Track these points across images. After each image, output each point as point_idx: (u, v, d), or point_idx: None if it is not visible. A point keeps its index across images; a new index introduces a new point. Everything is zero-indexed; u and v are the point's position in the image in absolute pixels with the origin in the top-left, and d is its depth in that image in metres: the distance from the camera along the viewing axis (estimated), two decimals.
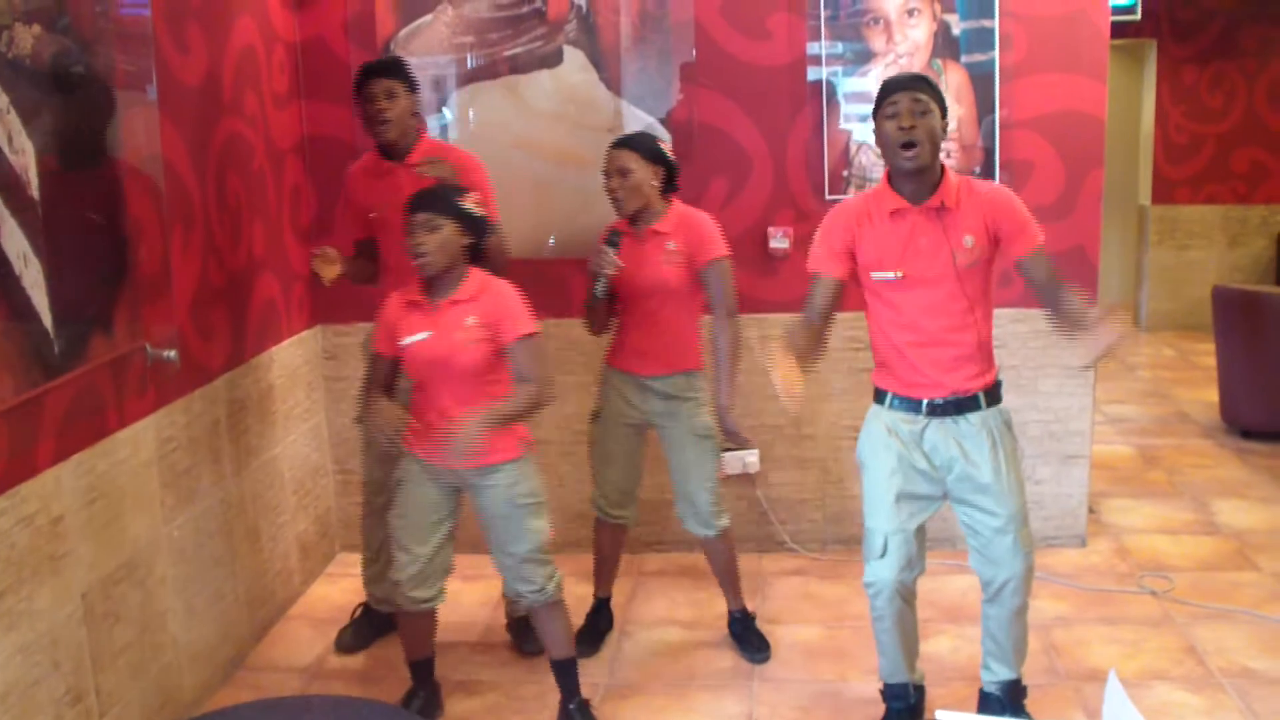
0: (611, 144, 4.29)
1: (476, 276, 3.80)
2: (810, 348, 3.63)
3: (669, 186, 4.32)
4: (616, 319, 4.42)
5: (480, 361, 3.74)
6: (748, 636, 4.63)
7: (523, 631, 4.63)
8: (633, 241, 4.25)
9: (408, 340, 3.76)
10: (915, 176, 3.55)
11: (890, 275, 3.60)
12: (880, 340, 3.74)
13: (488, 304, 3.76)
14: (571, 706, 4.04)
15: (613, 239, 4.20)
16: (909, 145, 3.49)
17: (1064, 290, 3.58)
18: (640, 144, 4.26)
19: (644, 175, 4.21)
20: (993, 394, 3.70)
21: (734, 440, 4.38)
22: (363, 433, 4.64)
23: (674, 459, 4.44)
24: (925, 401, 3.66)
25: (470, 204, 3.76)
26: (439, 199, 3.72)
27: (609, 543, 4.66)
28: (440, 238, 3.67)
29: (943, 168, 3.61)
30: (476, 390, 3.76)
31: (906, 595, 3.79)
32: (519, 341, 3.77)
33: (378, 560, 4.73)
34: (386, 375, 3.89)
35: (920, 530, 3.76)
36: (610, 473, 4.50)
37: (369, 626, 4.77)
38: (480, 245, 3.83)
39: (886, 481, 3.70)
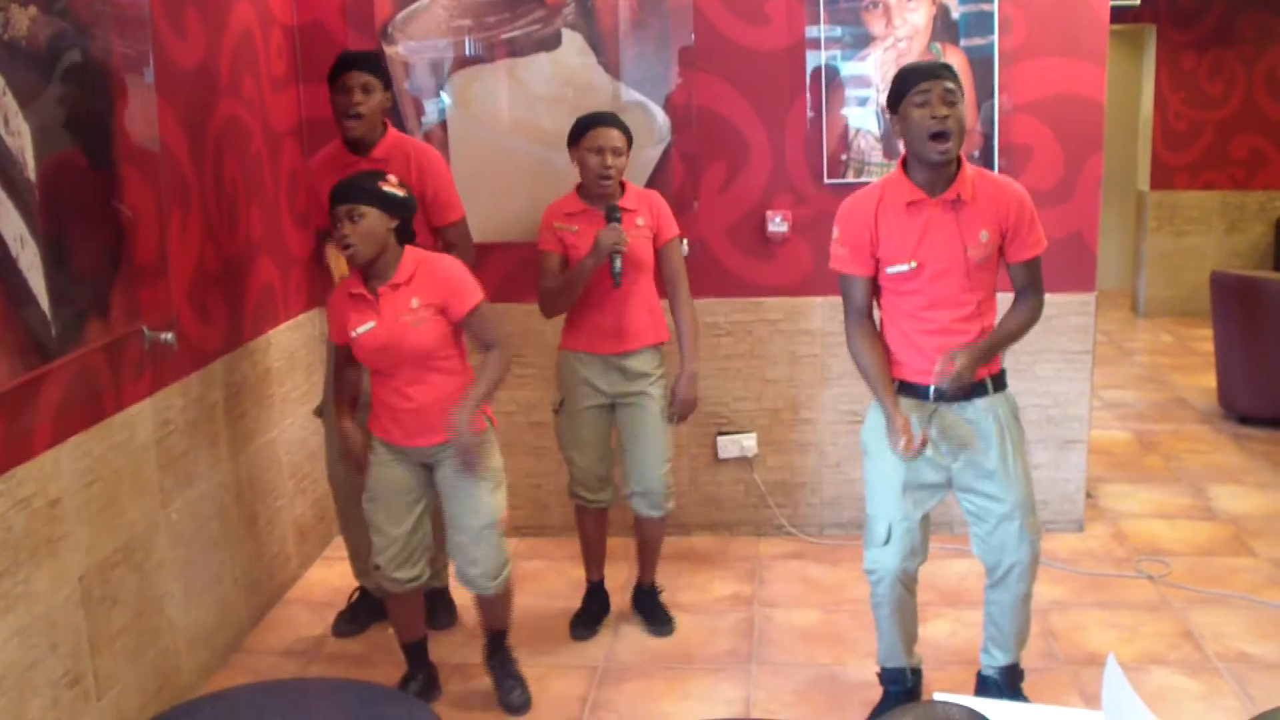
0: (597, 120, 4.25)
1: (411, 255, 3.78)
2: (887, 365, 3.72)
3: None
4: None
5: (429, 341, 3.75)
6: (654, 610, 4.70)
7: (431, 606, 4.59)
8: (597, 219, 4.26)
9: (355, 332, 3.75)
10: (936, 167, 3.52)
11: (904, 267, 3.59)
12: (888, 328, 3.74)
13: (428, 282, 3.75)
14: (495, 661, 4.18)
15: (615, 214, 4.19)
16: (941, 136, 3.44)
17: (1021, 303, 3.70)
18: (625, 127, 4.29)
19: (626, 160, 4.29)
20: (999, 380, 3.71)
21: (684, 410, 4.42)
22: (325, 427, 4.64)
23: (637, 438, 4.45)
24: (932, 388, 3.64)
25: (390, 186, 3.72)
26: (356, 188, 3.67)
27: (593, 527, 4.67)
28: (365, 226, 3.64)
29: (960, 159, 3.58)
30: (429, 368, 3.79)
31: (908, 582, 3.79)
32: (472, 313, 3.78)
33: (360, 553, 4.72)
34: (349, 359, 3.92)
35: (925, 519, 3.76)
36: (583, 458, 4.50)
37: (365, 611, 4.77)
38: (407, 225, 3.78)
39: (894, 469, 3.70)
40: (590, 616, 4.71)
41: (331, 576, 5.19)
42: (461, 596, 4.82)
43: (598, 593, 4.78)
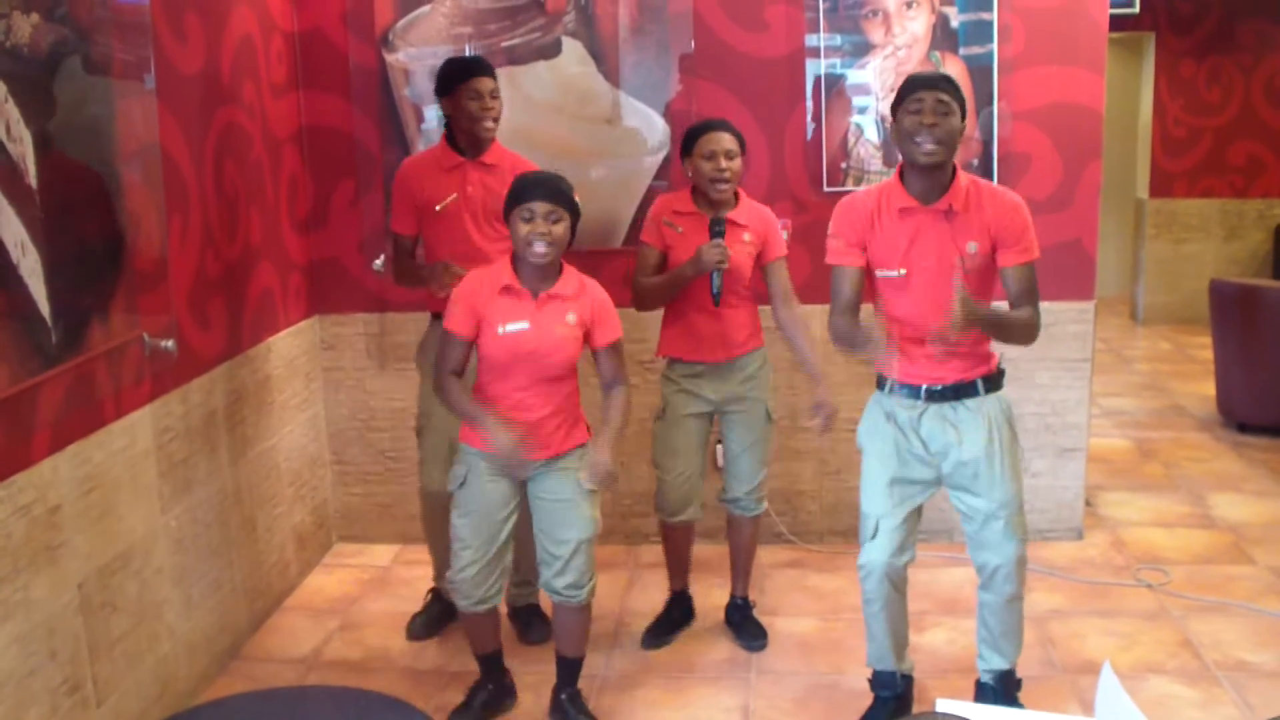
0: (712, 125, 4.26)
1: (572, 273, 3.77)
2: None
3: None
4: (667, 312, 4.42)
5: (573, 357, 3.73)
6: (746, 625, 4.64)
7: (527, 620, 4.63)
8: (702, 221, 4.26)
9: (505, 328, 3.66)
10: (928, 175, 3.56)
11: (893, 274, 3.63)
12: (887, 328, 3.75)
13: (588, 304, 3.74)
14: (564, 696, 4.04)
15: (719, 229, 4.19)
16: (926, 140, 3.49)
17: (1018, 310, 3.68)
18: (739, 133, 4.29)
19: (741, 164, 4.28)
20: (993, 382, 3.73)
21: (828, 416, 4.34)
22: (427, 442, 4.58)
23: (735, 440, 4.45)
24: (924, 387, 3.69)
25: (576, 196, 3.72)
26: (563, 192, 3.65)
27: (677, 540, 4.64)
28: (560, 230, 3.62)
29: (954, 169, 3.62)
30: (557, 386, 3.75)
31: (896, 580, 3.81)
32: (612, 346, 3.80)
33: (445, 566, 4.71)
34: (462, 362, 3.78)
35: (912, 515, 3.79)
36: (678, 466, 4.43)
37: (441, 611, 4.75)
38: (573, 240, 3.76)
39: (881, 466, 3.75)
40: (669, 624, 4.69)
41: (331, 584, 5.18)
42: None
43: (679, 601, 4.75)
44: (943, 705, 2.32)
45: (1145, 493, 6.15)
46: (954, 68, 5.07)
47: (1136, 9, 8.82)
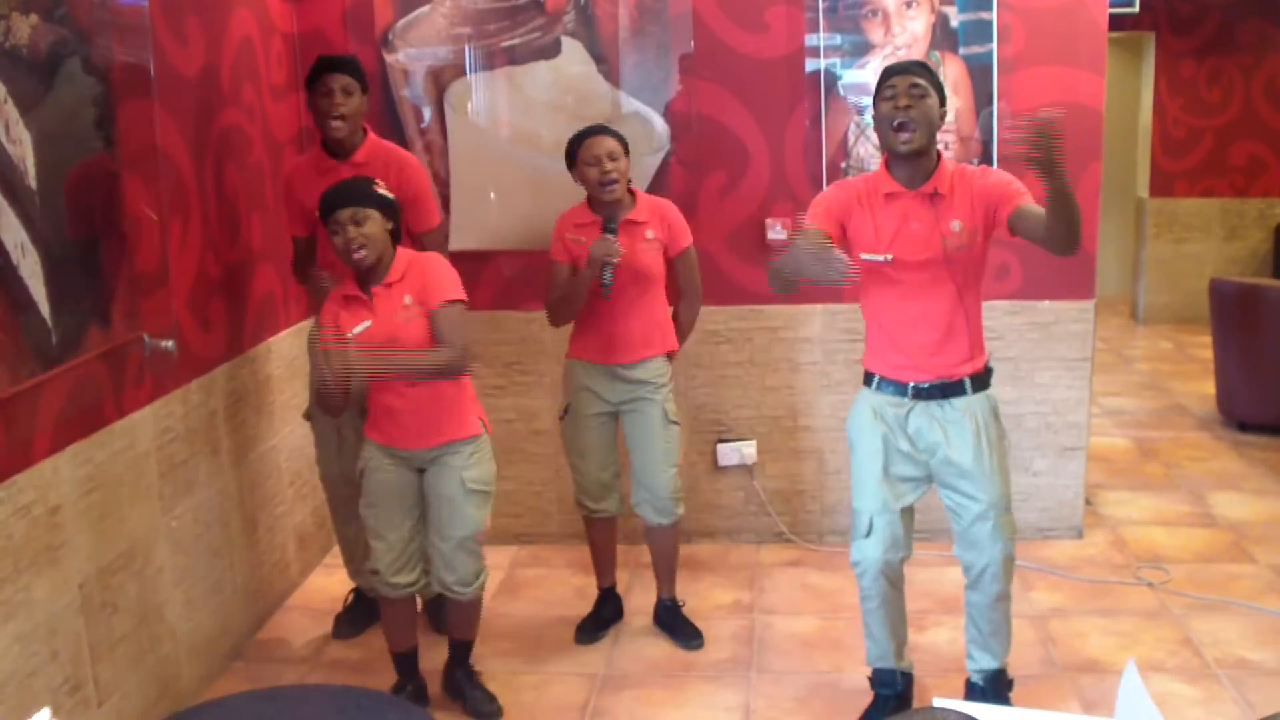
0: (590, 131, 4.29)
1: (403, 255, 3.83)
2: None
3: None
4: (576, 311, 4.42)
5: (424, 337, 3.77)
6: (678, 626, 4.66)
7: (438, 611, 4.63)
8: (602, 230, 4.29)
9: (351, 333, 3.75)
10: (910, 161, 3.59)
11: (880, 258, 3.63)
12: (870, 323, 3.80)
13: (416, 277, 3.79)
14: (459, 673, 4.16)
15: (611, 225, 4.22)
16: (902, 127, 3.52)
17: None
18: (618, 134, 4.31)
19: (627, 163, 4.30)
20: (980, 380, 3.73)
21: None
22: (316, 429, 4.64)
23: (641, 446, 4.47)
24: (911, 385, 3.70)
25: (383, 189, 3.79)
26: (356, 191, 3.72)
27: (601, 536, 4.68)
28: (370, 229, 3.69)
29: (939, 155, 3.64)
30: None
31: (892, 577, 3.82)
32: (442, 306, 3.78)
33: (355, 556, 4.74)
34: None
35: (907, 512, 3.80)
36: (587, 466, 4.52)
37: (364, 611, 4.77)
38: (399, 227, 3.83)
39: (872, 462, 3.76)
40: (599, 621, 4.71)
41: (331, 584, 5.19)
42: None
43: (609, 599, 4.78)
44: (940, 704, 2.32)
45: (1146, 491, 6.15)
46: (954, 67, 5.07)
47: (1136, 9, 8.82)
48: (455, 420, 3.87)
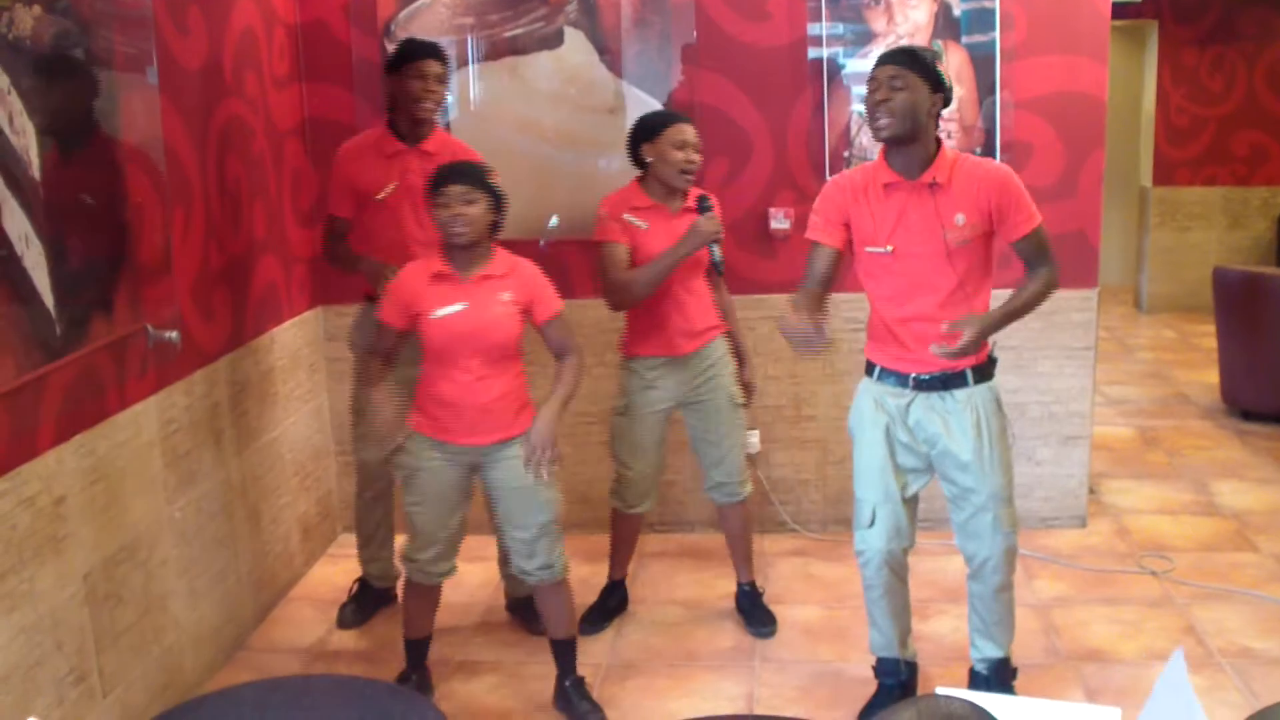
0: (678, 117, 4.31)
1: (503, 254, 3.84)
2: (813, 308, 3.60)
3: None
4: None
5: (514, 335, 3.78)
6: (755, 611, 4.65)
7: (530, 611, 4.64)
8: (668, 219, 4.29)
9: (439, 312, 3.72)
10: (903, 150, 3.58)
11: (881, 250, 3.63)
12: (872, 313, 3.79)
13: (521, 282, 3.80)
14: (567, 684, 4.06)
15: (706, 203, 4.26)
16: (877, 117, 3.53)
17: (1032, 277, 3.69)
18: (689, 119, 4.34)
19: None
20: (983, 371, 3.72)
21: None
22: (356, 419, 4.64)
23: (709, 429, 4.47)
24: (912, 376, 3.70)
25: (496, 181, 3.78)
26: (473, 174, 3.73)
27: (629, 530, 4.69)
28: (476, 211, 3.69)
29: (938, 143, 3.62)
30: (503, 362, 3.79)
31: (896, 566, 3.82)
32: (555, 318, 3.85)
33: (371, 544, 4.76)
34: (392, 347, 3.88)
35: (911, 501, 3.80)
36: (638, 464, 4.48)
37: (370, 600, 4.78)
38: (499, 223, 3.82)
39: (874, 453, 3.75)
40: (605, 612, 4.72)
41: (336, 574, 5.19)
42: (447, 594, 4.83)
43: (616, 589, 4.78)
44: (943, 692, 2.32)
45: (1149, 480, 6.15)
46: (956, 56, 5.07)
47: None
48: (516, 416, 3.85)
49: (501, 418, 3.82)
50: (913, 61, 3.55)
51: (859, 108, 5.16)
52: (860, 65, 5.13)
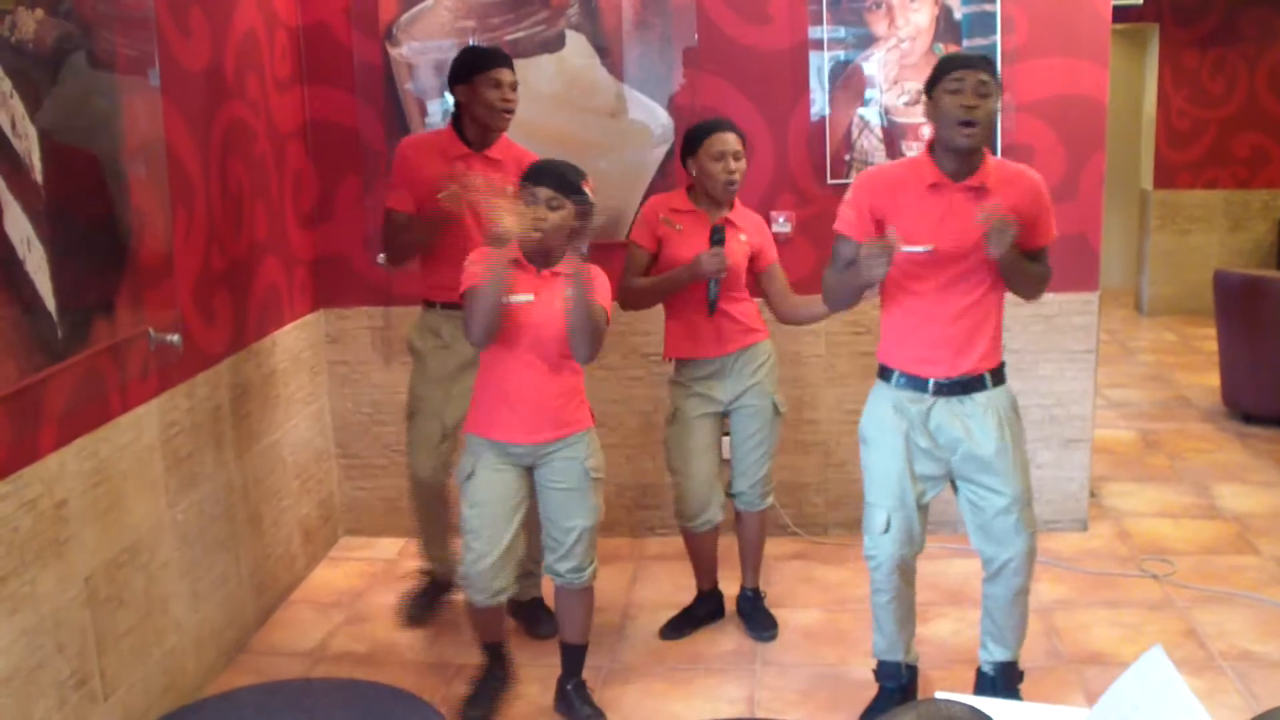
0: (718, 126, 4.27)
1: (572, 254, 3.79)
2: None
3: None
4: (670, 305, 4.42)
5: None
6: (756, 615, 4.65)
7: (532, 615, 4.64)
8: (699, 220, 4.29)
9: (511, 299, 3.69)
10: (963, 155, 3.54)
11: (921, 249, 3.53)
12: (895, 315, 3.73)
13: (588, 283, 3.72)
14: (569, 686, 4.06)
15: (718, 235, 4.20)
16: (969, 124, 3.46)
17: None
18: (740, 131, 4.30)
19: (745, 163, 4.30)
20: (998, 374, 3.71)
21: None
22: (416, 425, 4.61)
23: (749, 436, 4.44)
24: (932, 381, 3.66)
25: (589, 190, 3.74)
26: (566, 178, 3.69)
27: (706, 545, 4.62)
28: (559, 218, 3.66)
29: (983, 149, 3.60)
30: (560, 365, 3.78)
31: (905, 571, 3.81)
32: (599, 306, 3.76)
33: (435, 541, 4.74)
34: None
35: (924, 509, 3.78)
36: (694, 470, 4.42)
37: (434, 594, 4.79)
38: (583, 229, 3.78)
39: (893, 459, 3.71)
40: (691, 620, 4.68)
41: (337, 577, 5.20)
42: None
43: (707, 599, 4.73)
44: (942, 697, 2.32)
45: (1150, 484, 6.15)
46: None
47: (1140, 0, 8.82)
48: (573, 414, 3.84)
49: (558, 415, 3.80)
50: (993, 70, 3.53)
51: (861, 110, 5.16)
52: (862, 68, 5.13)
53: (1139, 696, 2.00)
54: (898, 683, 3.95)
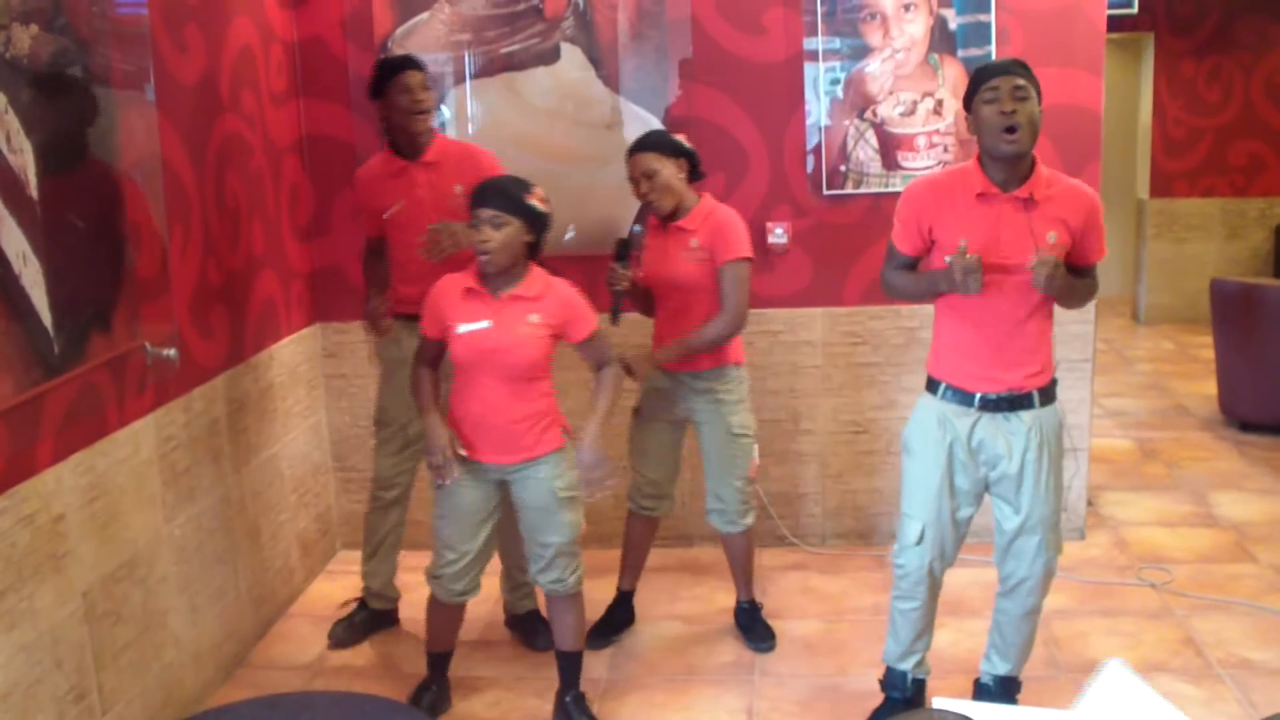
0: (630, 149, 4.29)
1: (539, 274, 3.80)
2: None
3: (694, 175, 4.34)
4: (655, 312, 4.48)
5: (538, 358, 3.76)
6: (754, 626, 4.65)
7: (529, 627, 4.64)
8: (661, 236, 4.31)
9: (465, 328, 3.72)
10: (1010, 163, 3.51)
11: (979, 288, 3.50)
12: (944, 328, 3.71)
13: (553, 306, 3.77)
14: (568, 699, 4.06)
15: (620, 250, 4.26)
16: (1011, 130, 3.44)
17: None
18: (658, 142, 4.28)
19: (670, 171, 4.24)
20: (1047, 393, 3.68)
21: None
22: (381, 434, 4.66)
23: (708, 457, 4.48)
24: (978, 396, 3.64)
25: (536, 200, 3.72)
26: (505, 194, 3.68)
27: (639, 534, 4.70)
28: (505, 235, 3.65)
29: (1034, 159, 3.57)
30: (526, 383, 3.78)
31: (933, 585, 3.82)
32: (589, 339, 3.84)
33: (376, 555, 4.76)
34: (434, 357, 3.88)
35: (963, 523, 3.77)
36: (646, 468, 4.54)
37: (365, 621, 4.78)
38: (540, 243, 3.79)
39: (933, 472, 3.70)
40: (610, 626, 4.71)
41: (335, 590, 5.19)
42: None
43: (624, 603, 4.78)
44: (940, 705, 2.33)
45: (1148, 492, 6.16)
46: (952, 70, 5.08)
47: (1135, 9, 8.84)
48: (540, 436, 3.84)
49: (525, 438, 3.81)
50: (1029, 72, 3.51)
51: (857, 122, 5.17)
52: (857, 80, 5.14)
53: (1111, 708, 2.01)
54: (902, 694, 3.94)
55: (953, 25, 5.08)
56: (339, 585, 5.22)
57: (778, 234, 5.25)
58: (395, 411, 4.58)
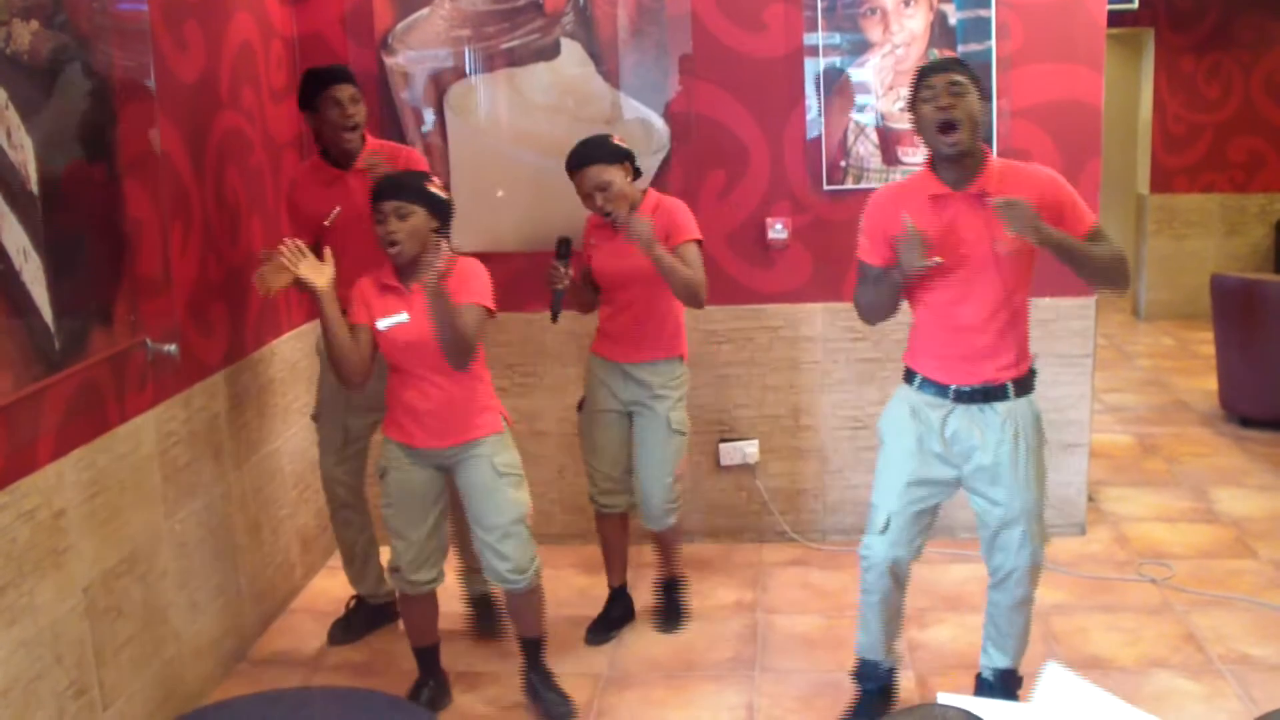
0: (572, 164, 4.25)
1: (449, 258, 3.81)
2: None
3: (637, 174, 4.36)
4: (600, 307, 4.49)
5: None
6: (667, 604, 4.77)
7: (484, 613, 4.69)
8: (610, 233, 4.30)
9: (384, 323, 3.76)
10: (957, 162, 3.51)
11: (929, 262, 3.49)
12: (918, 321, 3.73)
13: (456, 281, 3.76)
14: (534, 676, 4.14)
15: (562, 249, 4.27)
16: (948, 127, 3.43)
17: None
18: (599, 152, 4.24)
19: (620, 178, 4.24)
20: (1023, 384, 3.67)
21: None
22: (321, 429, 4.66)
23: (642, 451, 4.49)
24: (953, 387, 3.64)
25: (435, 188, 3.77)
26: (406, 186, 3.72)
27: (611, 532, 4.69)
28: (411, 224, 3.69)
29: (985, 152, 3.57)
30: (450, 372, 3.79)
31: (899, 574, 3.81)
32: (467, 306, 3.72)
33: (354, 562, 4.76)
34: (369, 344, 3.83)
35: (927, 514, 3.77)
36: (598, 462, 4.55)
37: (362, 619, 4.78)
38: (447, 227, 3.82)
39: (901, 463, 3.71)
40: (608, 622, 4.72)
41: (335, 586, 5.19)
42: (444, 605, 4.82)
43: (619, 598, 4.79)
44: (944, 699, 2.32)
45: (1148, 488, 6.16)
46: None
47: (1135, 5, 8.83)
48: (476, 420, 3.87)
49: (459, 422, 3.85)
50: (964, 68, 3.50)
51: (857, 117, 5.17)
52: (857, 75, 5.14)
53: (1061, 709, 2.01)
54: (877, 684, 3.95)
55: (953, 20, 5.07)
56: (339, 581, 5.22)
57: (778, 229, 5.25)
58: (333, 406, 4.56)
